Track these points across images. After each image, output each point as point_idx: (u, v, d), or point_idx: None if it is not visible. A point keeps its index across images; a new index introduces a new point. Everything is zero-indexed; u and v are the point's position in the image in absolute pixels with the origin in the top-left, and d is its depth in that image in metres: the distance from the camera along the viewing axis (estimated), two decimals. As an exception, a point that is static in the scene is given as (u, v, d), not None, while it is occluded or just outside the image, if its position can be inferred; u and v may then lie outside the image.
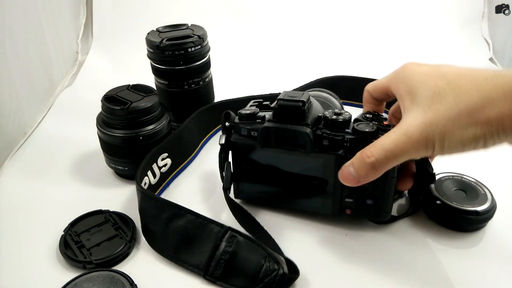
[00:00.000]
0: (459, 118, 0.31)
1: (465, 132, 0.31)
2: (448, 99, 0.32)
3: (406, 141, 0.33)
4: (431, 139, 0.32)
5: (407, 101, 0.35)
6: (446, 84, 0.33)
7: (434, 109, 0.32)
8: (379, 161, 0.35)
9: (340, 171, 0.38)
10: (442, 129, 0.32)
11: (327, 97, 0.56)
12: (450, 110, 0.31)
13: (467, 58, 0.89)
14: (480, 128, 0.31)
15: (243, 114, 0.43)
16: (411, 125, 0.33)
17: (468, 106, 0.31)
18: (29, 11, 0.70)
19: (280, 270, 0.37)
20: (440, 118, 0.32)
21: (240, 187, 0.48)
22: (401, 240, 0.44)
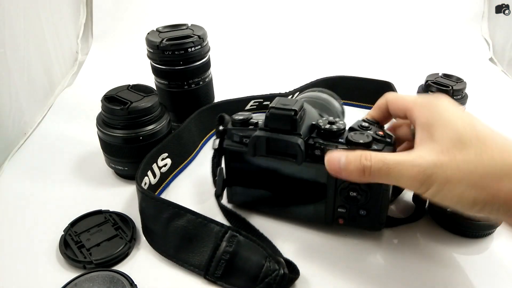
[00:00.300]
0: (470, 176, 0.30)
1: (468, 191, 0.30)
2: (469, 152, 0.31)
3: (407, 169, 0.32)
4: (431, 181, 0.31)
5: (426, 133, 0.34)
6: (474, 137, 0.32)
7: (451, 154, 0.31)
8: (372, 169, 0.34)
9: (330, 155, 0.37)
10: (447, 177, 0.31)
11: (326, 98, 0.54)
12: (467, 164, 0.31)
13: (467, 58, 0.89)
14: (485, 195, 0.30)
15: (236, 120, 0.43)
16: (421, 157, 0.32)
17: (485, 170, 0.30)
18: (29, 11, 0.70)
19: (280, 270, 0.37)
20: (452, 166, 0.31)
21: (233, 191, 0.47)
22: (405, 244, 0.43)
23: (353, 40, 0.94)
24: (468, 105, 0.58)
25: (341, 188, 0.41)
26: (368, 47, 0.93)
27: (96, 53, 0.91)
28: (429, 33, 0.94)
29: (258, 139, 0.40)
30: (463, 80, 0.57)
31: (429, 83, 0.57)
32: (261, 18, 0.97)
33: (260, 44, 0.94)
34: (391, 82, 0.68)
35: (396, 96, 0.40)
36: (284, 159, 0.40)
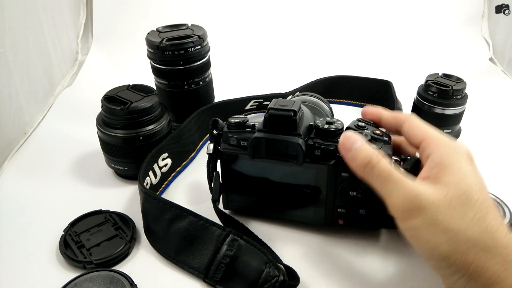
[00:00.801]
0: (456, 234, 0.30)
1: (446, 245, 0.30)
2: (469, 212, 0.31)
3: (405, 188, 0.32)
4: (419, 213, 0.31)
5: (437, 171, 0.33)
6: (481, 200, 0.31)
7: (452, 204, 0.31)
8: (375, 168, 0.34)
9: (349, 133, 0.37)
10: (437, 220, 0.31)
11: (316, 102, 0.55)
12: (460, 221, 0.30)
13: (467, 58, 0.89)
14: (459, 258, 0.30)
15: (232, 123, 0.42)
16: (424, 189, 0.32)
17: (473, 236, 0.30)
18: (29, 11, 0.70)
19: (280, 276, 0.37)
20: (446, 214, 0.31)
21: (229, 198, 0.47)
22: (405, 244, 0.42)
23: (353, 39, 0.94)
24: (468, 105, 0.58)
25: (341, 188, 0.41)
26: (368, 47, 0.93)
27: (96, 53, 0.91)
28: (429, 33, 0.94)
29: (258, 141, 0.40)
30: (463, 80, 0.57)
31: (429, 83, 0.57)
32: (261, 18, 0.97)
33: (260, 44, 0.94)
34: (390, 81, 0.69)
35: (419, 123, 0.39)
36: (283, 161, 0.40)
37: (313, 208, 0.43)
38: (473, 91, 0.61)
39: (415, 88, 0.61)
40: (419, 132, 0.38)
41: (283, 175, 0.42)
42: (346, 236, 0.45)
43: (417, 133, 0.38)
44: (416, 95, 0.60)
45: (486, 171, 0.44)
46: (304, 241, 0.44)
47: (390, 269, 0.41)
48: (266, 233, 0.44)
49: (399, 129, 0.41)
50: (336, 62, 0.87)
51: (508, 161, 0.58)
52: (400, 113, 0.41)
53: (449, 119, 0.57)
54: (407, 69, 0.84)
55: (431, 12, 0.96)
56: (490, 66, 0.87)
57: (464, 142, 0.60)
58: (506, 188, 0.48)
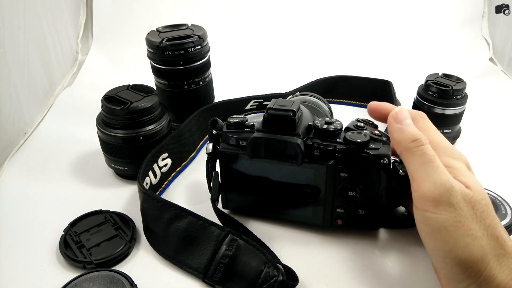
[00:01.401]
0: (474, 239, 0.30)
1: (461, 249, 0.30)
2: (486, 219, 0.31)
3: (442, 177, 0.32)
4: (447, 210, 0.31)
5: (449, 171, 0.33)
6: (492, 212, 0.32)
7: (475, 208, 0.31)
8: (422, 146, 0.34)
9: (403, 108, 0.37)
10: (458, 223, 0.30)
11: (315, 101, 0.55)
12: (478, 225, 0.31)
13: (467, 58, 0.89)
14: (470, 262, 0.30)
15: (231, 123, 0.42)
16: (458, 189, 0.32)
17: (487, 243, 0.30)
18: (29, 11, 0.70)
19: (279, 276, 0.37)
20: (467, 217, 0.31)
21: (228, 197, 0.47)
22: (405, 249, 0.43)
23: (353, 39, 0.94)
24: (468, 105, 0.58)
25: (340, 188, 0.41)
26: (368, 47, 0.93)
27: (96, 53, 0.91)
28: (429, 33, 0.94)
29: (257, 141, 0.40)
30: (463, 80, 0.57)
31: (429, 83, 0.57)
32: (261, 18, 0.97)
33: (260, 44, 0.94)
34: (390, 81, 0.69)
35: (427, 126, 0.39)
36: (282, 161, 0.40)
37: (312, 208, 0.43)
38: (473, 91, 0.61)
39: (415, 88, 0.61)
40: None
41: (282, 175, 0.43)
42: (344, 236, 0.45)
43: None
44: (416, 95, 0.60)
45: (486, 170, 0.45)
46: (303, 241, 0.44)
47: (388, 269, 0.41)
48: (265, 233, 0.44)
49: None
50: (336, 62, 0.87)
51: (508, 160, 0.58)
52: (410, 111, 0.41)
53: (449, 119, 0.57)
54: (407, 69, 0.84)
55: (431, 12, 0.96)
56: (490, 66, 0.87)
57: (464, 142, 0.61)
58: (506, 187, 0.48)
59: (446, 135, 0.58)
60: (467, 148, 0.57)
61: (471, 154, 0.38)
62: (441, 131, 0.57)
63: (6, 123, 0.62)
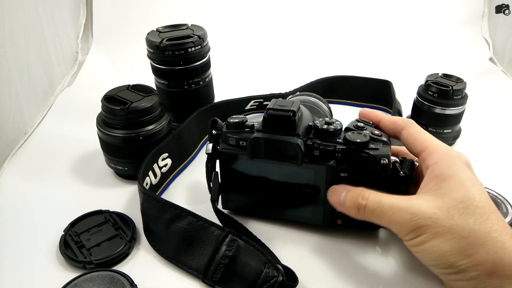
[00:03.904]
0: (459, 241, 0.31)
1: (451, 253, 0.31)
2: (469, 218, 0.31)
3: (400, 215, 0.33)
4: (421, 231, 0.32)
5: (435, 183, 0.34)
6: (480, 207, 0.32)
7: (449, 213, 0.32)
8: (366, 208, 0.36)
9: (333, 189, 0.39)
10: (438, 232, 0.31)
11: (315, 102, 0.55)
12: (461, 228, 0.31)
13: (467, 58, 0.89)
14: (466, 262, 0.30)
15: (231, 123, 0.42)
16: (418, 207, 0.33)
17: (476, 239, 0.30)
18: (29, 11, 0.70)
19: (279, 277, 0.37)
20: (446, 225, 0.31)
21: (228, 198, 0.47)
22: (405, 249, 0.42)
23: (353, 39, 0.94)
24: (468, 105, 0.58)
25: None
26: (368, 47, 0.93)
27: (96, 53, 0.91)
28: (429, 33, 0.94)
29: (257, 141, 0.40)
30: (463, 80, 0.57)
31: (429, 83, 0.57)
32: (261, 18, 0.97)
33: (260, 44, 0.94)
34: (390, 81, 0.69)
35: (418, 131, 0.40)
36: (282, 161, 0.40)
37: (312, 208, 0.43)
38: (473, 91, 0.61)
39: (415, 88, 0.61)
40: (419, 142, 0.38)
41: (282, 175, 0.43)
42: (344, 236, 0.45)
43: (416, 142, 0.39)
44: (416, 95, 0.60)
45: (486, 170, 0.45)
46: (303, 242, 0.44)
47: (388, 269, 0.41)
48: (265, 233, 0.44)
49: (397, 135, 0.41)
50: (336, 62, 0.87)
51: (508, 159, 0.58)
52: (399, 119, 0.42)
53: (449, 119, 0.57)
54: (407, 69, 0.84)
55: (431, 12, 0.96)
56: (490, 66, 0.87)
57: (464, 142, 0.61)
58: (507, 187, 0.48)
59: (446, 135, 0.58)
60: (467, 148, 0.57)
61: (471, 154, 0.38)
62: (441, 131, 0.58)
63: (6, 123, 0.62)
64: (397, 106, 0.64)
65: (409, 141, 0.40)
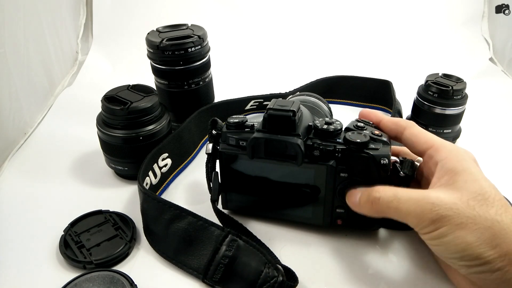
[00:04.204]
0: (484, 231, 0.30)
1: (477, 244, 0.30)
2: (490, 209, 0.31)
3: (419, 204, 0.32)
4: (443, 222, 0.31)
5: (448, 177, 0.34)
6: (498, 199, 0.32)
7: (470, 205, 0.31)
8: (381, 200, 0.35)
9: (351, 192, 0.39)
10: (462, 223, 0.31)
11: (315, 102, 0.55)
12: (484, 219, 0.31)
13: (467, 58, 0.89)
14: (493, 253, 0.30)
15: (231, 123, 0.42)
16: (438, 197, 0.32)
17: (502, 229, 0.30)
18: (29, 11, 0.70)
19: (279, 277, 0.37)
20: (469, 216, 0.31)
21: (228, 198, 0.47)
22: (405, 249, 0.43)
23: (353, 39, 0.94)
24: (468, 105, 0.58)
25: (340, 188, 0.41)
26: (368, 47, 0.93)
27: (96, 53, 0.91)
28: (429, 33, 0.94)
29: (257, 141, 0.40)
30: (463, 80, 0.57)
31: (429, 83, 0.57)
32: (261, 18, 0.97)
33: (260, 44, 0.94)
34: (390, 81, 0.69)
35: (422, 131, 0.40)
36: (282, 161, 0.40)
37: (312, 208, 0.43)
38: (473, 91, 0.61)
39: (415, 88, 0.61)
40: (423, 140, 0.38)
41: (282, 175, 0.43)
42: (344, 236, 0.45)
43: (421, 141, 0.38)
44: (416, 95, 0.60)
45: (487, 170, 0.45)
46: (303, 242, 0.44)
47: (389, 269, 0.41)
48: (265, 234, 0.44)
49: (398, 136, 0.41)
50: (336, 62, 0.87)
51: (508, 159, 0.58)
52: (400, 120, 0.42)
53: (449, 119, 0.57)
54: (407, 69, 0.84)
55: (431, 12, 0.96)
56: (490, 66, 0.87)
57: (464, 142, 0.61)
58: (507, 186, 0.48)
59: (446, 135, 0.58)
60: (467, 148, 0.56)
61: (495, 168, 0.37)
62: (441, 131, 0.58)
63: (6, 123, 0.62)
64: (397, 106, 0.64)
65: (412, 140, 0.39)
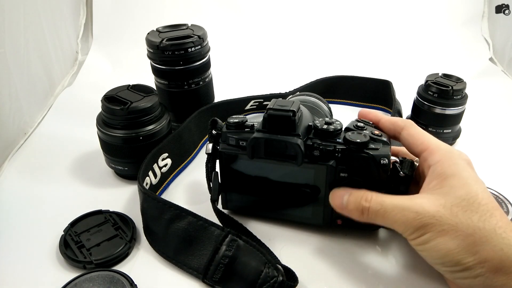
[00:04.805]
0: (465, 238, 0.31)
1: (457, 251, 0.31)
2: (473, 216, 0.31)
3: (404, 214, 0.33)
4: (426, 229, 0.32)
5: (437, 182, 0.34)
6: (484, 204, 0.32)
7: (453, 211, 0.32)
8: (370, 210, 0.36)
9: (335, 191, 0.39)
10: (443, 230, 0.31)
11: (315, 102, 0.55)
12: (466, 226, 0.31)
13: (467, 58, 0.89)
14: (472, 259, 0.30)
15: (231, 123, 0.42)
16: (421, 205, 0.33)
17: (482, 236, 0.30)
18: (29, 11, 0.70)
19: (279, 277, 0.37)
20: (451, 223, 0.31)
21: (228, 198, 0.47)
22: (405, 249, 0.43)
23: (353, 39, 0.94)
24: (468, 105, 0.58)
25: None
26: (367, 47, 0.93)
27: (96, 53, 0.91)
28: (429, 33, 0.94)
29: (257, 141, 0.40)
30: (463, 80, 0.57)
31: (429, 83, 0.57)
32: (261, 18, 0.97)
33: (260, 44, 0.94)
34: (390, 81, 0.69)
35: (419, 132, 0.40)
36: (282, 161, 0.40)
37: (311, 208, 0.43)
38: (473, 91, 0.61)
39: (415, 88, 0.61)
40: (420, 141, 0.38)
41: (282, 175, 0.43)
42: (344, 236, 0.45)
43: (417, 142, 0.39)
44: (416, 95, 0.60)
45: (487, 170, 0.45)
46: (303, 242, 0.44)
47: (388, 269, 0.41)
48: (265, 233, 0.44)
49: (397, 135, 0.41)
50: (336, 62, 0.87)
51: (508, 159, 0.58)
52: (398, 119, 0.42)
53: (449, 119, 0.57)
54: (407, 69, 0.84)
55: (431, 12, 0.96)
56: (490, 66, 0.87)
57: (464, 142, 0.61)
58: (507, 186, 0.48)
59: (446, 135, 0.58)
60: (467, 148, 0.56)
61: (471, 154, 0.38)
62: (441, 131, 0.58)
63: (6, 123, 0.62)
64: (397, 106, 0.64)
65: (409, 141, 0.40)
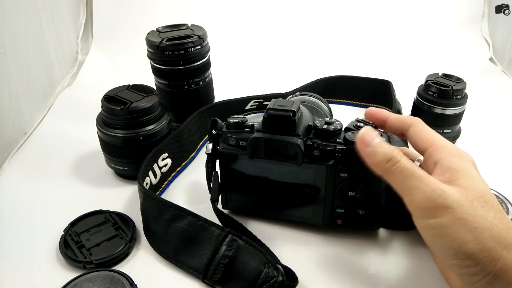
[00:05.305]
0: (482, 232, 0.30)
1: (472, 243, 0.30)
2: (490, 211, 0.31)
3: (429, 184, 0.32)
4: (445, 211, 0.31)
5: (450, 176, 0.33)
6: (496, 204, 0.32)
7: (473, 204, 0.31)
8: (398, 164, 0.33)
9: (367, 130, 0.36)
10: (463, 218, 0.30)
11: (315, 101, 0.55)
12: (484, 220, 0.30)
13: (467, 58, 0.89)
14: (484, 256, 0.30)
15: (231, 123, 0.42)
16: (449, 189, 0.32)
17: (498, 233, 0.30)
18: (29, 11, 0.70)
19: (279, 277, 0.37)
20: (471, 213, 0.30)
21: (228, 198, 0.47)
22: (405, 249, 0.43)
23: (353, 39, 0.94)
24: (468, 105, 0.58)
25: (340, 188, 0.41)
26: (367, 47, 0.93)
27: (96, 53, 0.91)
28: (429, 33, 0.94)
29: (257, 141, 0.40)
30: (463, 80, 0.57)
31: (429, 83, 0.57)
32: (261, 18, 0.97)
33: (260, 44, 0.94)
34: (390, 81, 0.69)
35: (426, 129, 0.39)
36: (282, 161, 0.40)
37: (311, 208, 0.43)
38: (473, 91, 0.61)
39: (415, 88, 0.61)
40: (426, 138, 0.38)
41: (282, 175, 0.42)
42: (344, 236, 0.45)
43: (423, 139, 0.38)
44: (416, 95, 0.60)
45: (487, 170, 0.45)
46: (303, 242, 0.44)
47: (389, 269, 0.41)
48: (265, 233, 0.44)
49: (404, 133, 0.41)
50: (336, 62, 0.87)
51: (508, 159, 0.58)
52: (406, 117, 0.41)
53: (449, 119, 0.57)
54: (407, 69, 0.84)
55: (431, 12, 0.96)
56: (490, 66, 0.87)
57: (464, 142, 0.61)
58: (507, 186, 0.48)
59: (446, 135, 0.58)
60: (467, 148, 0.56)
61: (471, 154, 0.37)
62: (441, 131, 0.58)
63: (6, 123, 0.62)
64: (397, 106, 0.64)
65: (415, 138, 0.39)
